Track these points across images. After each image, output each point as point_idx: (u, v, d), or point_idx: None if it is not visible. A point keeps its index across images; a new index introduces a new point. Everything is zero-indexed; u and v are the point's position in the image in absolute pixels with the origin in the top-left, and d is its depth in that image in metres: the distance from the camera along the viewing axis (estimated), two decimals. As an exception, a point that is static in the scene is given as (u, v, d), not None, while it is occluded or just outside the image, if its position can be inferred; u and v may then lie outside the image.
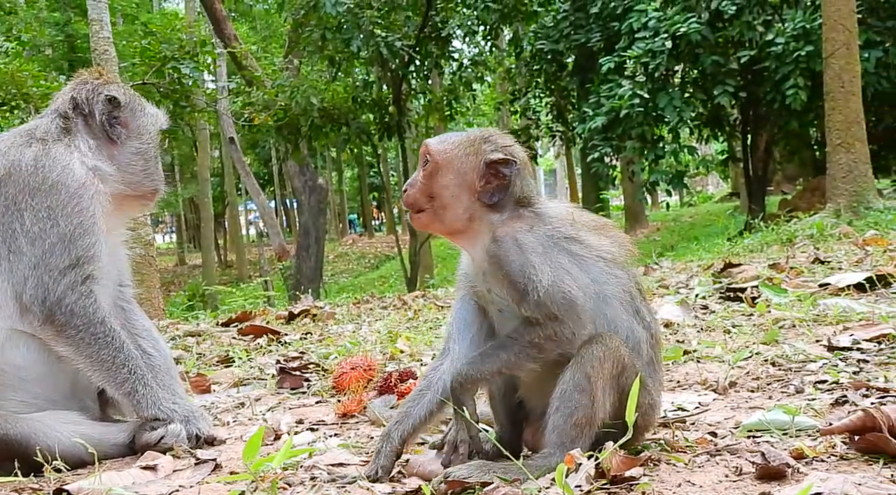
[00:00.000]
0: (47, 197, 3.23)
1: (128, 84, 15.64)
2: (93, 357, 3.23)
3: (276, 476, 2.38)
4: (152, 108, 3.71)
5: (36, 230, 3.20)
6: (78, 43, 30.49)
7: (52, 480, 2.93)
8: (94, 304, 3.25)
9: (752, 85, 19.64)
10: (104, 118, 3.51)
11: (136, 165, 3.57)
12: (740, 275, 7.02)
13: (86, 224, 3.26)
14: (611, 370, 2.54)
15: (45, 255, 3.19)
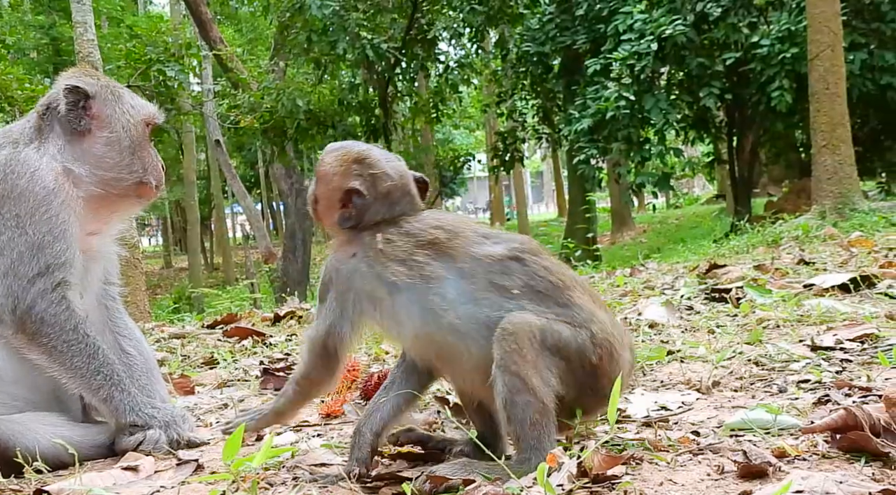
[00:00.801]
0: (15, 205, 3.20)
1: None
2: (66, 364, 3.20)
3: (258, 476, 2.37)
4: (135, 100, 3.58)
5: (4, 239, 3.17)
6: (63, 46, 30.39)
7: (32, 481, 2.91)
8: (65, 311, 3.20)
9: (737, 87, 19.72)
10: (67, 109, 3.41)
11: (109, 158, 3.43)
12: (725, 276, 7.03)
13: (55, 231, 3.21)
14: (531, 350, 2.48)
15: (13, 264, 3.16)
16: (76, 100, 3.42)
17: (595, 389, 2.59)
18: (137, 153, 3.49)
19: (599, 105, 19.02)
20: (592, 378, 2.57)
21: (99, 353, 3.24)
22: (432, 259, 2.65)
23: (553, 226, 40.64)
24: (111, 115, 3.47)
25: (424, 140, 35.21)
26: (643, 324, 5.16)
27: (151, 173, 3.53)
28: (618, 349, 2.61)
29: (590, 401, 2.64)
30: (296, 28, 23.08)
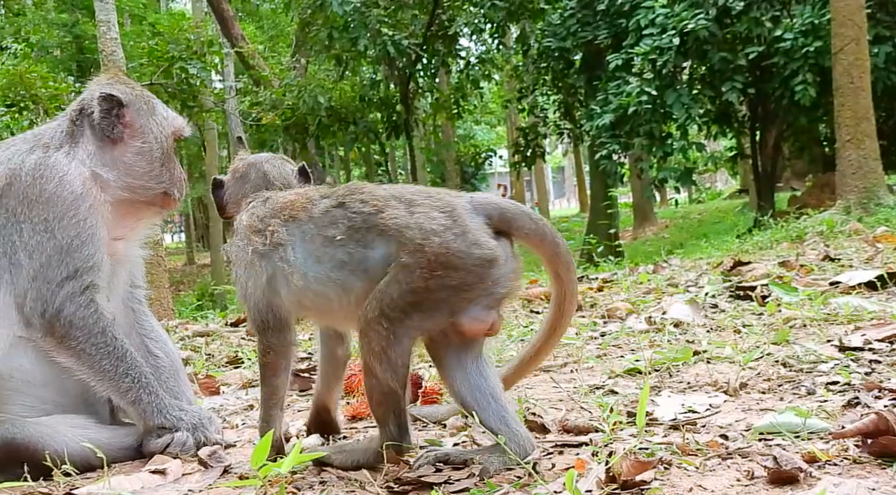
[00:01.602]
0: (44, 209, 3.22)
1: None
2: (94, 367, 3.22)
3: (285, 479, 2.37)
4: (167, 111, 3.63)
5: (33, 243, 3.20)
6: (86, 44, 30.56)
7: (61, 484, 2.93)
8: (93, 314, 3.23)
9: (760, 81, 19.59)
10: (101, 116, 3.43)
11: (138, 167, 3.48)
12: (750, 273, 6.98)
13: (83, 235, 3.24)
14: (373, 334, 2.58)
15: (42, 268, 3.18)
16: (110, 107, 3.45)
17: (458, 287, 2.57)
18: (166, 164, 3.54)
19: (621, 100, 18.94)
20: (446, 279, 2.55)
21: (127, 356, 3.26)
22: (282, 226, 2.79)
23: (575, 221, 40.50)
24: (144, 125, 3.51)
25: (446, 136, 35.20)
26: (668, 323, 5.13)
27: (176, 184, 3.58)
28: (448, 240, 2.56)
29: (463, 300, 2.61)
30: (317, 25, 23.14)
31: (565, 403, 3.54)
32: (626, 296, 6.88)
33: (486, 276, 2.57)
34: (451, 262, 2.53)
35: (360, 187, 2.80)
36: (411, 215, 2.60)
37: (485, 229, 2.61)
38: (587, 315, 6.25)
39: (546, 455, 2.79)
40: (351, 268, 2.67)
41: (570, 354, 4.66)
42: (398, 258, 2.57)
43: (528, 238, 2.71)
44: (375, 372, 2.61)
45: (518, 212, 2.71)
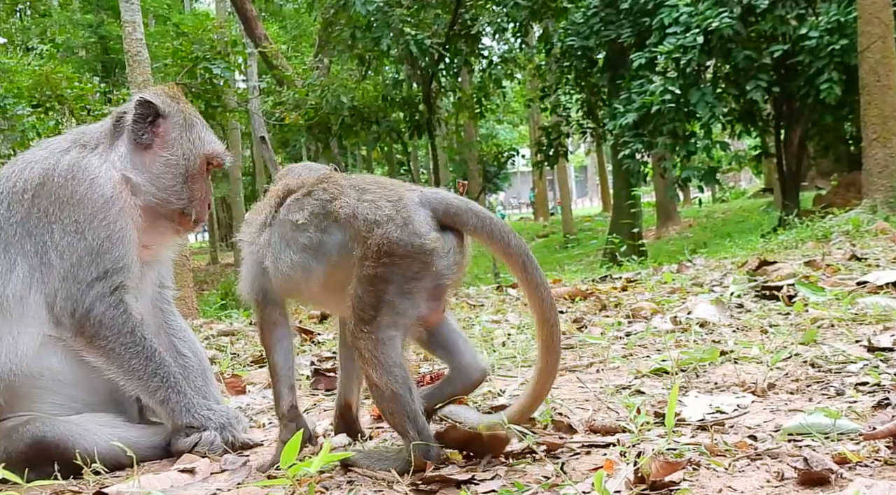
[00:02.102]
0: (75, 210, 3.26)
1: (159, 84, 15.58)
2: (124, 366, 3.25)
3: (314, 479, 2.38)
4: (206, 135, 3.61)
5: (64, 243, 3.24)
6: (111, 44, 30.80)
7: (91, 483, 2.95)
8: (122, 314, 3.26)
9: (785, 79, 19.45)
10: (135, 119, 3.47)
11: (163, 179, 3.49)
12: (776, 272, 6.94)
13: (113, 237, 3.28)
14: (360, 342, 2.68)
15: (73, 268, 3.22)
16: (145, 113, 3.48)
17: (407, 275, 2.68)
18: (189, 183, 3.53)
19: (644, 99, 18.86)
20: (393, 267, 2.66)
21: (156, 356, 3.29)
22: (269, 212, 2.97)
23: (598, 220, 40.44)
24: (176, 138, 3.52)
25: (468, 135, 35.20)
26: (694, 322, 5.10)
27: (195, 206, 3.57)
28: (389, 230, 2.66)
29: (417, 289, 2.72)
30: (340, 24, 23.21)
31: (592, 403, 3.53)
32: (651, 296, 6.85)
33: (430, 265, 2.68)
34: (393, 251, 2.64)
35: (328, 177, 2.92)
36: (359, 204, 2.72)
37: (428, 221, 2.71)
38: (612, 314, 6.24)
39: (573, 455, 2.79)
40: (312, 252, 2.81)
41: (596, 354, 4.64)
42: (352, 249, 2.71)
43: (475, 233, 2.79)
44: (374, 380, 2.69)
45: (463, 207, 2.77)
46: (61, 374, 3.26)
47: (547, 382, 2.91)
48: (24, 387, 3.22)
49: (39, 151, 3.48)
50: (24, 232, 3.27)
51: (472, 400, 3.72)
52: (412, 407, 2.71)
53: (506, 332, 5.81)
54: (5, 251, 3.27)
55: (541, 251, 36.93)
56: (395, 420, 2.73)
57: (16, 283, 3.24)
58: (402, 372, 2.70)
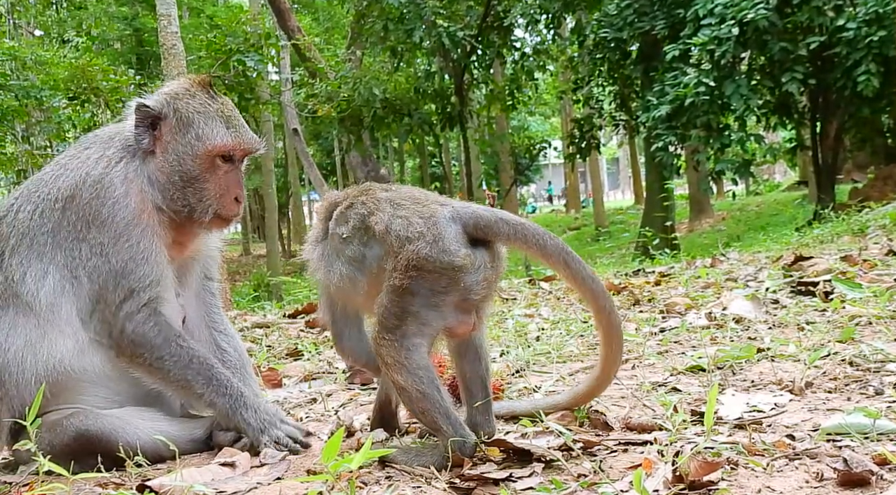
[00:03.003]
0: (99, 232, 3.26)
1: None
2: (165, 378, 3.28)
3: (354, 474, 2.40)
4: (207, 129, 3.37)
5: (90, 265, 3.25)
6: (145, 37, 31.00)
7: (133, 475, 3.00)
8: (152, 329, 3.26)
9: (821, 71, 19.23)
10: (134, 126, 3.37)
11: (168, 186, 3.36)
12: (812, 268, 6.87)
13: (137, 258, 3.26)
14: (383, 349, 2.75)
15: (101, 291, 3.25)
16: (143, 118, 3.36)
17: (434, 289, 2.73)
18: (192, 185, 3.37)
19: (678, 91, 18.72)
20: (420, 281, 2.71)
21: (194, 361, 3.29)
22: (321, 226, 3.06)
23: (630, 213, 40.17)
24: (169, 142, 3.37)
25: (500, 127, 35.12)
26: (729, 319, 5.08)
27: (209, 206, 3.39)
28: (420, 247, 2.70)
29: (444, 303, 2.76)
30: (372, 17, 23.24)
31: (628, 400, 3.53)
32: (685, 291, 6.83)
33: (458, 280, 2.72)
34: (422, 266, 2.69)
35: (368, 189, 2.97)
36: (393, 220, 2.77)
37: (459, 237, 2.75)
38: (646, 309, 6.22)
39: (610, 453, 2.79)
40: (357, 264, 2.87)
41: (631, 350, 4.64)
42: (386, 262, 2.77)
43: (510, 241, 2.84)
44: (401, 384, 2.74)
45: (493, 219, 2.80)
46: (104, 370, 3.30)
47: (612, 369, 3.01)
48: (68, 383, 3.26)
49: (75, 156, 3.44)
50: (54, 243, 3.29)
51: (508, 397, 3.74)
52: (442, 404, 2.74)
53: (539, 327, 5.81)
54: (38, 258, 3.29)
55: (572, 244, 36.72)
56: (427, 418, 2.77)
57: (48, 291, 3.26)
58: (427, 373, 2.74)
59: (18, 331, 3.27)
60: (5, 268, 3.33)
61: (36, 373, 3.22)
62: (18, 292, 3.29)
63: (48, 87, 21.52)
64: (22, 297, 3.28)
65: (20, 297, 3.28)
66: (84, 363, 3.26)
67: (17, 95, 21.16)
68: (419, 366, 2.73)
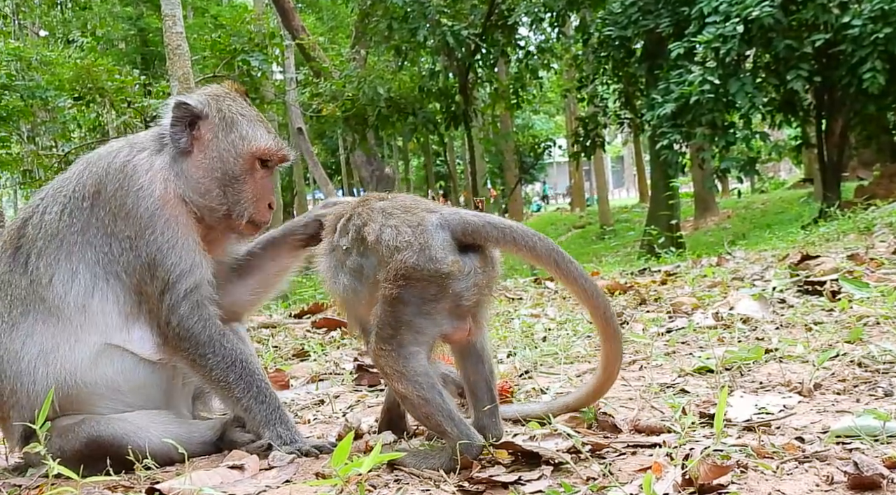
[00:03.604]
0: (125, 225, 3.26)
1: (198, 77, 15.67)
2: (207, 376, 3.28)
3: (363, 477, 2.40)
4: (252, 131, 3.40)
5: (124, 260, 3.26)
6: (150, 37, 31.04)
7: (142, 478, 3.00)
8: (198, 323, 3.26)
9: (827, 69, 19.19)
10: (171, 123, 3.36)
11: (202, 184, 3.36)
12: (818, 267, 6.86)
13: (163, 248, 3.25)
14: (382, 360, 2.76)
15: (140, 284, 3.25)
16: (182, 117, 3.36)
17: (424, 297, 2.73)
18: (232, 185, 3.37)
19: (683, 89, 18.68)
20: (410, 289, 2.72)
21: (238, 364, 3.29)
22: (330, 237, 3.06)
23: (635, 212, 40.17)
24: (212, 140, 3.37)
25: (504, 126, 35.11)
26: (736, 319, 5.07)
27: (245, 208, 3.40)
28: (407, 257, 2.71)
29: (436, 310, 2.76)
30: (376, 16, 23.23)
31: (636, 402, 3.52)
32: (691, 290, 6.82)
33: (447, 287, 2.72)
34: (410, 275, 2.70)
35: (366, 199, 2.99)
36: (383, 230, 2.78)
37: (447, 245, 2.75)
38: (652, 309, 6.22)
39: (619, 455, 2.79)
40: (356, 275, 2.88)
41: (638, 351, 4.63)
42: (379, 272, 2.77)
43: (499, 244, 2.84)
44: (402, 392, 2.75)
45: (480, 223, 2.81)
46: (116, 384, 3.30)
47: (613, 367, 3.01)
48: (80, 395, 3.25)
49: (99, 153, 3.46)
50: (84, 241, 3.28)
51: (517, 399, 3.73)
52: (445, 407, 2.75)
53: (546, 327, 5.81)
54: (67, 258, 3.28)
55: (577, 242, 36.81)
56: (432, 422, 2.77)
57: (77, 291, 3.26)
58: (427, 379, 2.75)
59: (35, 339, 3.26)
60: (31, 271, 3.32)
61: (46, 386, 3.21)
62: (44, 296, 3.28)
63: (53, 87, 21.56)
64: (47, 302, 3.27)
65: (45, 302, 3.28)
66: (96, 376, 3.25)
67: (22, 95, 21.21)
68: (418, 373, 2.73)
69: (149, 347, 3.29)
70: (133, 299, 3.28)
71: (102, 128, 26.59)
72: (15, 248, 3.40)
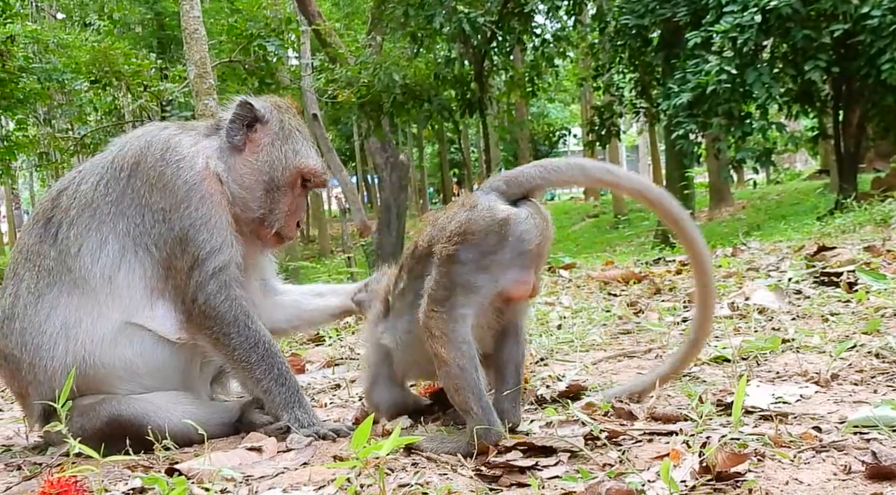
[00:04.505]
0: (161, 197, 3.30)
1: (214, 61, 15.67)
2: (229, 356, 3.32)
3: (381, 460, 2.42)
4: (304, 149, 3.53)
5: (155, 233, 3.30)
6: (166, 21, 31.05)
7: (161, 459, 3.03)
8: (224, 303, 3.29)
9: (845, 59, 19.04)
10: (231, 119, 3.45)
11: (245, 182, 3.44)
12: (835, 258, 6.83)
13: (197, 223, 3.29)
14: (432, 322, 2.75)
15: (170, 258, 3.29)
16: (243, 115, 3.46)
17: (484, 251, 2.74)
18: (273, 194, 3.48)
19: (699, 79, 18.58)
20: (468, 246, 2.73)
21: (260, 346, 3.33)
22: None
23: (649, 201, 39.92)
24: (267, 145, 3.47)
25: (519, 114, 35.02)
26: (752, 309, 5.06)
27: (278, 219, 3.49)
28: (461, 219, 2.75)
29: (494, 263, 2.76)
30: (392, 2, 23.18)
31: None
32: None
33: (507, 234, 2.72)
34: (466, 230, 2.72)
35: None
36: (433, 229, 2.84)
37: (495, 199, 2.78)
38: (667, 298, 6.21)
39: (635, 442, 2.80)
40: (416, 302, 2.87)
41: (654, 340, 4.64)
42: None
43: (548, 183, 2.88)
44: (443, 356, 2.74)
45: (519, 171, 2.88)
46: (134, 365, 3.33)
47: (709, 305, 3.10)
48: (97, 375, 3.30)
49: (144, 129, 3.54)
50: (117, 211, 3.33)
51: (531, 385, 3.74)
52: (478, 385, 2.75)
53: (560, 315, 5.81)
54: (98, 228, 3.33)
55: (590, 231, 36.75)
56: (460, 397, 2.77)
57: (105, 262, 3.30)
58: (469, 349, 2.74)
59: (59, 312, 3.30)
60: (60, 241, 3.36)
61: (64, 363, 3.25)
62: (71, 267, 3.32)
63: (70, 70, 21.64)
64: (73, 272, 3.31)
65: (71, 272, 3.31)
66: (114, 356, 3.28)
67: (39, 78, 21.30)
68: (463, 340, 2.73)
69: (171, 325, 3.32)
70: (160, 273, 3.30)
71: (118, 111, 26.68)
72: (47, 219, 3.44)
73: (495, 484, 2.55)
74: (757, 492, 2.23)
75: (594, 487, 2.26)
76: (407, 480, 2.56)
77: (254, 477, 2.74)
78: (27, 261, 3.42)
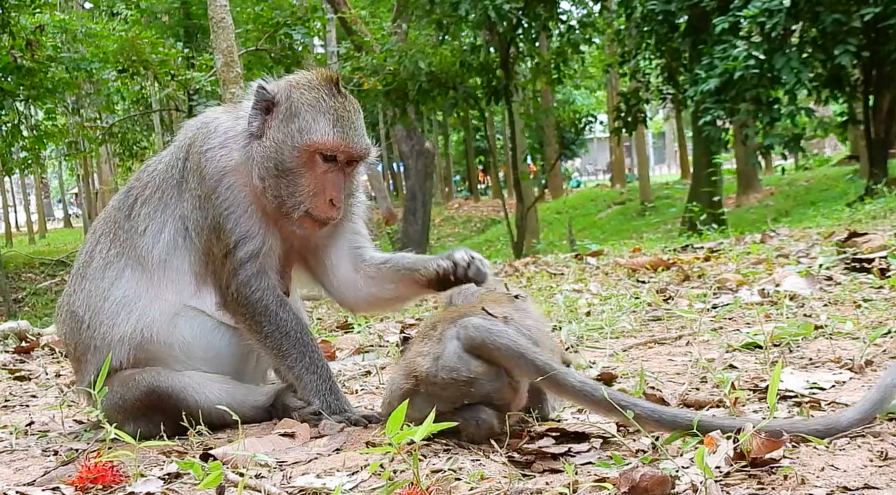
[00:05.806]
0: (198, 185, 3.34)
1: (241, 50, 15.69)
2: (262, 342, 3.35)
3: (415, 447, 2.42)
4: (313, 124, 3.24)
5: (194, 218, 3.34)
6: (193, 9, 31.13)
7: (195, 444, 3.06)
8: (256, 292, 3.31)
9: (875, 43, 18.81)
10: (252, 105, 3.33)
11: (262, 171, 3.29)
12: (866, 244, 6.78)
13: (225, 213, 3.30)
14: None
15: (207, 244, 3.33)
16: (260, 100, 3.32)
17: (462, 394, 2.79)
18: (285, 177, 3.26)
19: (727, 64, 18.41)
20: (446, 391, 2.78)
21: (293, 332, 3.34)
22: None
23: (676, 188, 39.80)
24: (273, 128, 3.29)
25: (545, 101, 34.84)
26: (783, 295, 5.03)
27: (299, 202, 3.27)
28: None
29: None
30: (418, -10, 23.11)
31: (683, 377, 3.52)
32: (736, 267, 6.78)
33: (478, 388, 2.75)
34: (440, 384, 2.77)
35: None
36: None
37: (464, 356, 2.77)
38: (697, 285, 6.19)
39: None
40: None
41: (684, 326, 4.62)
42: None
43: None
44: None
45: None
46: (191, 348, 3.37)
47: None
48: (156, 351, 3.34)
49: (202, 114, 3.59)
50: (177, 195, 3.38)
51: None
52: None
53: (588, 302, 5.80)
54: (162, 211, 3.40)
55: (617, 218, 36.60)
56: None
57: (162, 246, 3.36)
58: None
59: (122, 283, 3.38)
60: (133, 216, 3.44)
61: (123, 334, 3.32)
62: (136, 244, 3.39)
63: (98, 59, 21.77)
64: (137, 250, 3.39)
65: (136, 250, 3.39)
66: (173, 335, 3.34)
67: (67, 68, 21.46)
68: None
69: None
70: (202, 260, 3.36)
71: (146, 100, 26.85)
72: (129, 188, 3.54)
73: (528, 469, 2.55)
74: (792, 478, 2.22)
75: (628, 473, 2.25)
76: (440, 466, 2.56)
77: (287, 462, 2.76)
78: (106, 223, 3.53)
